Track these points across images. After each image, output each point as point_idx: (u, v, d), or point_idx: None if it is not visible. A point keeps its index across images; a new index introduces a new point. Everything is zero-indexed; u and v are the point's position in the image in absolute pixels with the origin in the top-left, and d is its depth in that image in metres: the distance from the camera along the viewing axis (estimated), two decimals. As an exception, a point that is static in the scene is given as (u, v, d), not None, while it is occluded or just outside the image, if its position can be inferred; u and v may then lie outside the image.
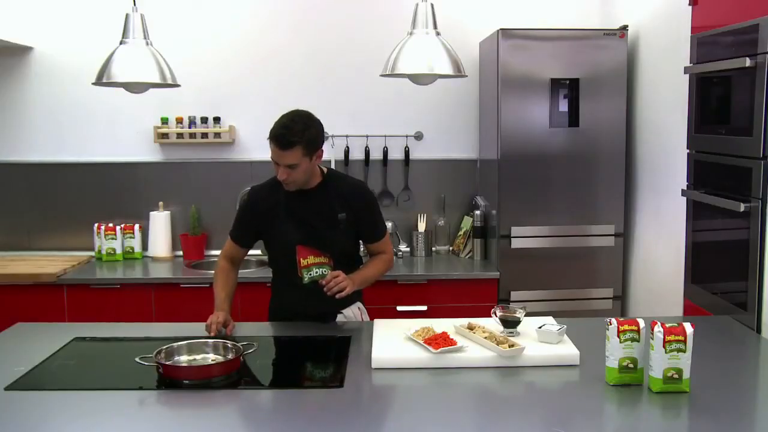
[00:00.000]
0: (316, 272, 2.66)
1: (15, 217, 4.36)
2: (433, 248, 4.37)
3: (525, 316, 2.43)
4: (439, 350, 2.22)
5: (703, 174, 2.94)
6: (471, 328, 2.40)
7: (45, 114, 4.31)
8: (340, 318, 2.77)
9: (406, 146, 4.37)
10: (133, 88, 2.89)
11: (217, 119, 4.32)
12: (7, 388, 2.08)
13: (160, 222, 4.27)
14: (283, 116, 2.60)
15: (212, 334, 2.46)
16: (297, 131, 2.52)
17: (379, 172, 4.34)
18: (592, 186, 3.89)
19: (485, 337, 2.30)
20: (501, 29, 3.77)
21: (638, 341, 2.03)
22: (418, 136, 4.40)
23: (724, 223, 2.77)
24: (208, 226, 4.39)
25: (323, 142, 2.64)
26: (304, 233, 2.66)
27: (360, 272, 2.74)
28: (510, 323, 2.43)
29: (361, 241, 2.85)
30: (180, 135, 4.28)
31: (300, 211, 2.68)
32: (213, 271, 4.07)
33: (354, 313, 2.81)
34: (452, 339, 2.30)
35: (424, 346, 2.27)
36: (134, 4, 2.77)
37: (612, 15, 4.16)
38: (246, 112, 4.35)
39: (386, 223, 2.90)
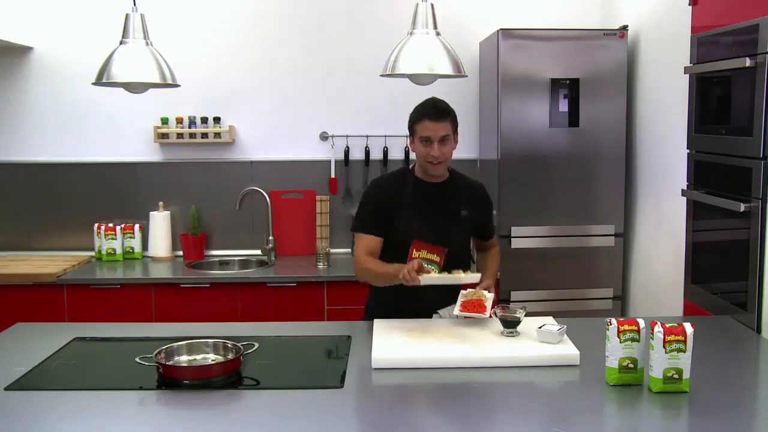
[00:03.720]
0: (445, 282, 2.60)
1: (15, 217, 4.36)
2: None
3: (525, 316, 2.44)
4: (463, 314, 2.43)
5: (703, 174, 2.94)
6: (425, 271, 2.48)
7: (45, 114, 4.31)
8: (435, 318, 2.73)
9: (407, 146, 4.37)
10: (133, 88, 2.89)
11: (217, 119, 4.32)
12: (7, 388, 2.08)
13: (160, 222, 4.27)
14: (422, 101, 2.69)
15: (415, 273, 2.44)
16: (446, 104, 2.67)
17: (379, 172, 4.33)
18: (592, 186, 3.89)
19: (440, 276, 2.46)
20: (501, 29, 3.77)
21: (638, 341, 2.03)
22: (418, 136, 4.40)
23: (724, 223, 2.77)
24: (208, 226, 4.39)
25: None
26: (425, 225, 2.66)
27: (488, 271, 2.81)
28: (510, 323, 2.43)
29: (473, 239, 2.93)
30: (180, 135, 4.28)
31: (424, 203, 2.71)
32: (213, 271, 4.10)
33: (450, 313, 2.75)
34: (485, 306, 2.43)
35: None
36: (134, 4, 2.77)
37: (612, 15, 4.16)
38: (246, 112, 4.35)
39: None
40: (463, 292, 2.51)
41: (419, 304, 2.68)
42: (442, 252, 2.63)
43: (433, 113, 2.62)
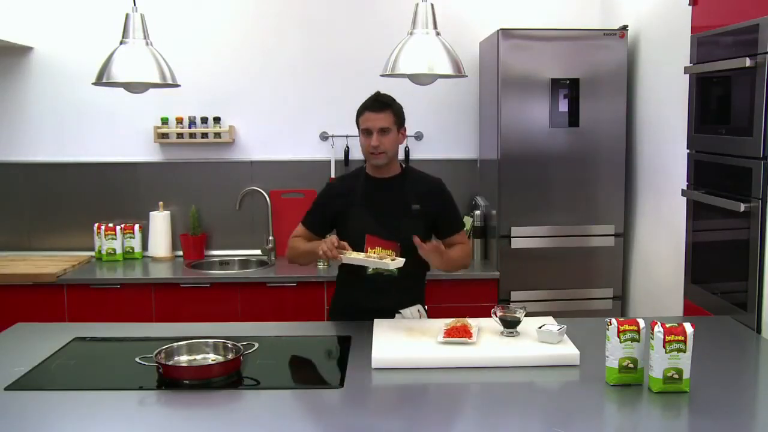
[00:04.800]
0: (372, 266, 2.64)
1: (15, 217, 4.36)
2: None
3: (525, 316, 2.43)
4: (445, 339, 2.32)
5: (703, 174, 2.94)
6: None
7: (45, 114, 4.31)
8: (398, 317, 2.75)
9: (407, 146, 4.37)
10: (133, 88, 2.89)
11: (217, 119, 4.32)
12: (7, 388, 2.08)
13: (160, 222, 4.27)
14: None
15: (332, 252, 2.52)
16: (388, 98, 2.77)
17: (379, 172, 4.34)
18: (592, 186, 3.89)
19: (366, 257, 2.49)
20: (501, 29, 3.77)
21: (638, 341, 2.03)
22: (418, 136, 4.40)
23: (724, 223, 2.77)
24: (208, 226, 4.39)
25: (405, 121, 2.80)
26: (376, 221, 2.69)
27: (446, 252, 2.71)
28: (510, 323, 2.43)
29: (435, 238, 2.86)
30: (180, 135, 4.28)
31: (375, 199, 2.74)
32: (213, 271, 4.10)
33: (413, 314, 2.79)
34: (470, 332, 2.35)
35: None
36: (134, 4, 2.77)
37: (612, 15, 4.16)
38: (246, 112, 4.35)
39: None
40: (445, 321, 2.47)
41: (382, 303, 2.72)
42: (396, 247, 2.64)
43: (372, 105, 2.71)
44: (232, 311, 3.80)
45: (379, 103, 2.71)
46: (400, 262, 2.54)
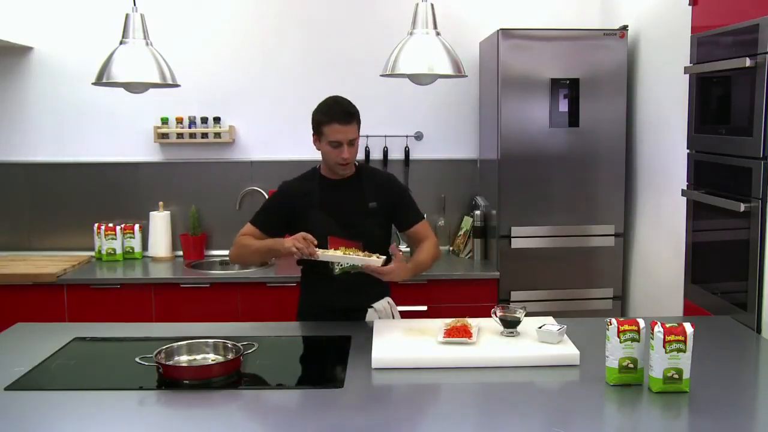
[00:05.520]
0: (347, 263, 2.65)
1: (15, 217, 4.36)
2: (433, 248, 4.36)
3: (525, 316, 2.44)
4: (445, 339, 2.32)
5: (703, 174, 2.94)
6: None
7: (45, 114, 4.31)
8: (370, 312, 2.78)
9: (406, 146, 4.37)
10: (133, 88, 2.89)
11: (217, 119, 4.32)
12: (7, 388, 2.08)
13: (160, 222, 4.27)
14: (326, 101, 2.73)
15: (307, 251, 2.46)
16: (351, 105, 2.68)
17: (379, 172, 4.34)
18: (592, 186, 3.89)
19: (344, 253, 2.48)
20: (501, 29, 3.77)
21: (638, 341, 2.03)
22: (418, 136, 4.40)
23: (724, 223, 2.77)
24: (208, 226, 4.39)
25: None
26: (336, 222, 2.69)
27: (413, 258, 2.74)
28: (510, 323, 2.43)
29: (398, 232, 2.89)
30: (180, 135, 4.28)
31: (333, 200, 2.74)
32: (213, 271, 4.10)
33: (384, 307, 2.82)
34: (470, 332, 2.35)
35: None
36: (134, 4, 2.78)
37: (612, 15, 4.16)
38: (246, 112, 4.35)
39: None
40: (445, 321, 2.48)
41: (353, 301, 2.74)
42: (359, 246, 2.64)
43: (342, 117, 2.64)
44: (232, 311, 3.80)
45: (348, 114, 2.66)
46: (382, 258, 2.53)
